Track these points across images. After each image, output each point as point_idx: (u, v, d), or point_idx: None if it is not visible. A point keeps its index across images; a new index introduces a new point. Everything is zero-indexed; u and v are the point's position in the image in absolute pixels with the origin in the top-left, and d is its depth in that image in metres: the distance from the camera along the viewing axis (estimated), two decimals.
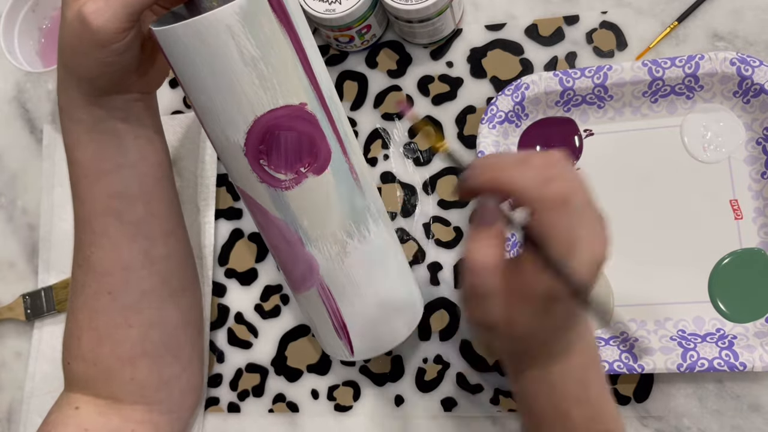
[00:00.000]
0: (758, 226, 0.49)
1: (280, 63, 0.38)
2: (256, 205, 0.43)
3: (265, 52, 0.37)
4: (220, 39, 0.36)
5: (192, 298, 0.52)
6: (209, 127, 0.41)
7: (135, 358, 0.47)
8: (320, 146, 0.40)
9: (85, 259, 0.46)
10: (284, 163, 0.40)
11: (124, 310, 0.46)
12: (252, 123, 0.39)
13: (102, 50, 0.38)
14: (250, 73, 0.37)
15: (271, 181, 0.40)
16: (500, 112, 0.52)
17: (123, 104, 0.43)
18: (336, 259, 0.43)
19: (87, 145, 0.43)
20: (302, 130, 0.39)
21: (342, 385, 0.54)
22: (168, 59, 0.39)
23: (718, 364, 0.45)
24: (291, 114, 0.39)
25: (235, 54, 0.36)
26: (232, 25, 0.36)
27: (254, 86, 0.37)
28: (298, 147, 0.40)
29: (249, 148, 0.39)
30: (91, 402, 0.47)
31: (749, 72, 0.48)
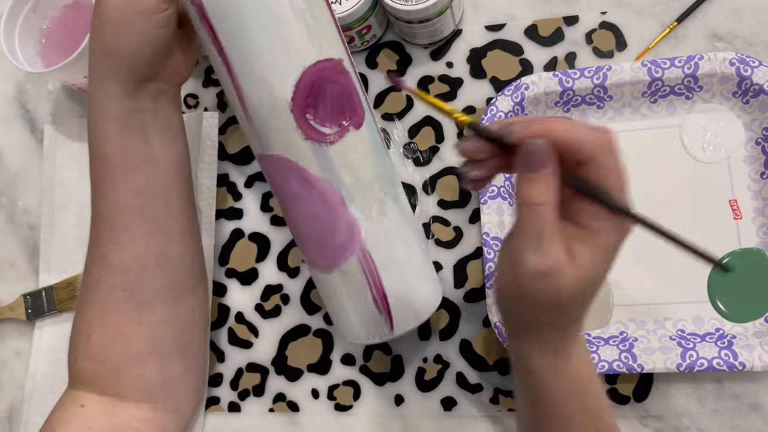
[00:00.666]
0: (757, 226, 0.49)
1: (323, 18, 0.40)
2: (296, 170, 0.42)
3: (311, 6, 0.39)
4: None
5: (202, 296, 0.52)
6: (250, 88, 0.41)
7: (144, 356, 0.47)
8: (356, 102, 0.42)
9: (102, 256, 0.46)
10: (330, 116, 0.41)
11: (138, 307, 0.46)
12: (300, 75, 0.40)
13: (145, 20, 0.40)
14: (299, 25, 0.39)
15: (316, 136, 0.41)
16: (500, 112, 0.52)
17: (153, 95, 0.44)
18: (376, 218, 0.43)
19: (115, 138, 0.44)
20: (344, 84, 0.42)
21: (342, 384, 0.54)
22: (210, 21, 0.40)
23: (718, 364, 0.45)
24: (334, 67, 0.41)
25: (286, 5, 0.38)
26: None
27: (303, 38, 0.39)
28: (341, 100, 0.41)
29: (296, 101, 0.40)
30: (96, 399, 0.47)
31: (748, 72, 0.48)
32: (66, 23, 0.61)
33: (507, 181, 0.53)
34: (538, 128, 0.32)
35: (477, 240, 0.54)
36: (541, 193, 0.32)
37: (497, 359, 0.52)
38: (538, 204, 0.32)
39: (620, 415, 0.49)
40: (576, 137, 0.32)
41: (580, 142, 0.32)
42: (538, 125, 0.32)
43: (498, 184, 0.52)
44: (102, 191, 0.45)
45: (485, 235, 0.51)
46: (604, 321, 0.50)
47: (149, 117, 0.44)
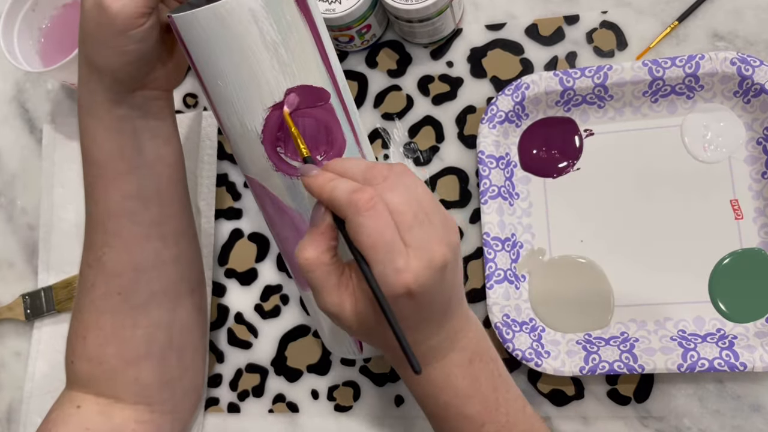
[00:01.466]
0: (759, 226, 0.49)
1: (300, 49, 0.38)
2: (269, 195, 0.43)
3: (286, 38, 0.37)
4: (242, 23, 0.36)
5: (199, 299, 0.52)
6: (225, 115, 0.41)
7: (140, 358, 0.47)
8: (336, 135, 0.40)
9: (96, 259, 0.45)
10: None
11: (133, 311, 0.46)
12: (271, 108, 0.39)
13: (121, 37, 0.38)
14: (271, 57, 0.37)
15: (287, 169, 0.40)
16: (500, 111, 0.52)
17: (142, 102, 0.43)
18: None
19: (105, 144, 0.43)
20: (320, 118, 0.40)
21: (342, 385, 0.54)
22: (186, 46, 0.39)
23: (719, 365, 0.45)
24: None
25: (257, 38, 0.37)
26: (256, 9, 0.36)
27: (274, 71, 0.38)
28: (315, 134, 0.40)
29: (266, 134, 0.40)
30: (93, 401, 0.46)
31: (749, 72, 0.48)
32: (65, 23, 0.61)
33: (507, 181, 0.53)
34: (308, 182, 0.35)
35: (477, 240, 0.54)
36: (306, 249, 0.35)
37: None
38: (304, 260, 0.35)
39: (621, 415, 0.49)
40: (333, 197, 0.34)
41: (336, 203, 0.34)
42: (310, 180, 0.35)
43: (498, 184, 0.52)
44: (94, 195, 0.45)
45: (485, 235, 0.50)
46: (604, 321, 0.50)
47: (139, 122, 0.43)
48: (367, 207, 0.33)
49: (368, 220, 0.33)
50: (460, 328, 0.39)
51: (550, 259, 0.51)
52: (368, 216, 0.33)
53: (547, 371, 0.48)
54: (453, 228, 0.36)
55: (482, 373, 0.39)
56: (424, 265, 0.33)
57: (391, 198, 0.34)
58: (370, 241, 0.33)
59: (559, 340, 0.49)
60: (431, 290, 0.34)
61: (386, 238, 0.33)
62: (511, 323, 0.49)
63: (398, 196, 0.34)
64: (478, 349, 0.40)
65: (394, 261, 0.33)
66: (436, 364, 0.38)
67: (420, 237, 0.34)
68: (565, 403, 0.50)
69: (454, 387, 0.38)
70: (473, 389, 0.39)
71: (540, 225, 0.52)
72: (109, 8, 0.37)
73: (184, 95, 0.62)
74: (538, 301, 0.51)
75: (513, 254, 0.51)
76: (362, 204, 0.33)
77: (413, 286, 0.33)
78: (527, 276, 0.51)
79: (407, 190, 0.34)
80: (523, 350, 0.48)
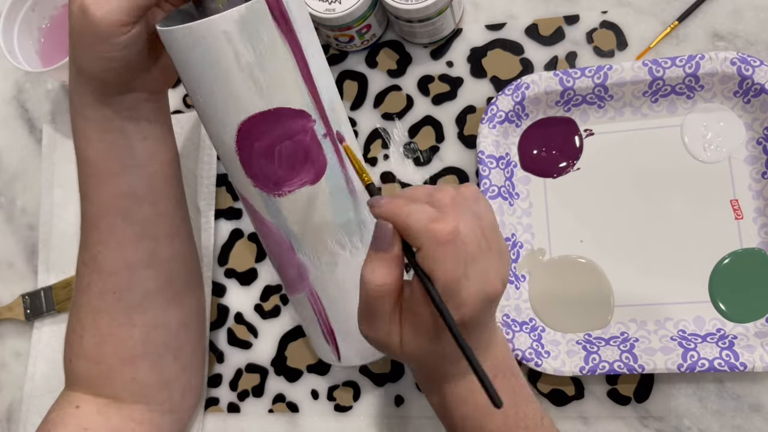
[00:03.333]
0: (759, 226, 0.49)
1: (278, 72, 0.38)
2: (251, 207, 0.43)
3: (262, 60, 0.37)
4: (217, 44, 0.36)
5: (195, 299, 0.52)
6: (207, 128, 0.41)
7: (137, 357, 0.47)
8: (315, 156, 0.40)
9: (91, 258, 0.46)
10: (277, 171, 0.40)
11: (128, 310, 0.46)
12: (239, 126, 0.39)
13: (103, 43, 0.38)
14: (245, 79, 0.37)
15: (264, 188, 0.40)
16: (500, 111, 0.52)
17: (132, 104, 0.43)
18: (326, 268, 0.43)
19: (96, 144, 0.43)
20: (297, 139, 0.39)
21: (342, 385, 0.54)
22: (174, 61, 0.39)
23: (719, 365, 0.45)
24: None
25: (231, 59, 0.36)
26: (230, 31, 0.36)
27: (250, 92, 0.37)
28: (292, 155, 0.39)
29: (242, 152, 0.40)
30: (92, 401, 0.46)
31: (750, 72, 0.48)
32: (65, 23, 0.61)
33: (507, 181, 0.53)
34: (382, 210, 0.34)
35: None
36: (378, 274, 0.34)
37: None
38: (378, 286, 0.34)
39: (621, 415, 0.49)
40: (409, 224, 0.33)
41: (412, 231, 0.33)
42: (384, 207, 0.34)
43: (498, 184, 0.52)
44: (88, 194, 0.45)
45: None
46: (604, 321, 0.50)
47: (129, 123, 0.43)
48: (447, 239, 0.32)
49: (447, 254, 0.32)
50: (489, 343, 0.39)
51: (550, 259, 0.51)
52: (447, 250, 0.32)
53: (547, 371, 0.48)
54: (508, 259, 0.36)
55: (505, 389, 0.39)
56: (480, 299, 0.33)
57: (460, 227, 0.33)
58: (445, 277, 0.32)
59: (559, 340, 0.49)
60: (479, 320, 0.34)
61: (458, 274, 0.32)
62: (511, 323, 0.49)
63: (465, 225, 0.33)
64: (503, 365, 0.40)
65: (457, 296, 0.32)
66: (462, 379, 0.38)
67: (480, 269, 0.33)
68: (565, 403, 0.50)
69: (475, 403, 0.38)
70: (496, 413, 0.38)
71: (540, 225, 0.52)
72: (93, 15, 0.36)
73: (184, 95, 0.62)
74: (538, 301, 0.51)
75: (513, 254, 0.51)
76: (443, 236, 0.32)
77: (466, 318, 0.33)
78: (527, 276, 0.51)
79: (475, 218, 0.34)
80: (523, 350, 0.48)
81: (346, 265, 0.43)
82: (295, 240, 0.42)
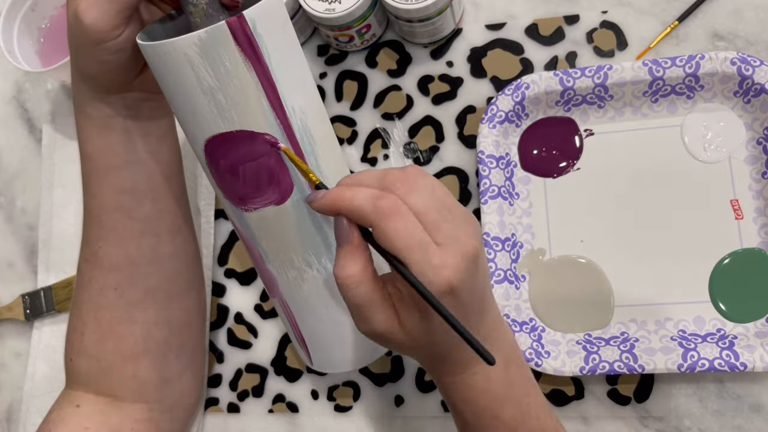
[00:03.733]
0: (759, 226, 0.49)
1: (241, 96, 0.37)
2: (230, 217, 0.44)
3: (224, 84, 0.37)
4: (178, 66, 0.36)
5: (197, 297, 0.52)
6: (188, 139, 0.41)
7: (137, 355, 0.47)
8: (281, 178, 0.39)
9: (92, 254, 0.46)
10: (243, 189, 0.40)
11: (129, 307, 0.46)
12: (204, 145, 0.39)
13: (96, 48, 0.38)
14: (208, 102, 0.37)
15: (233, 201, 0.41)
16: (500, 111, 0.52)
17: (131, 103, 0.43)
18: (293, 283, 0.43)
19: (96, 140, 0.43)
20: (261, 162, 0.39)
21: (342, 385, 0.54)
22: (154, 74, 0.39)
23: (719, 365, 0.45)
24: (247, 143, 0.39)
25: (194, 82, 0.36)
26: (191, 56, 0.36)
27: (212, 114, 0.37)
28: (257, 176, 0.39)
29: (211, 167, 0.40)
30: (92, 400, 0.47)
31: (750, 72, 0.48)
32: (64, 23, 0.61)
33: (507, 181, 0.53)
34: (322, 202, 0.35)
35: None
36: (344, 267, 0.34)
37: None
38: (346, 277, 0.34)
39: (621, 415, 0.49)
40: (353, 207, 0.34)
41: (359, 213, 0.33)
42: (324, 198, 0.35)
43: (498, 184, 0.52)
44: (90, 188, 0.45)
45: (486, 235, 0.50)
46: (605, 321, 0.50)
47: (130, 120, 0.43)
48: (393, 210, 0.33)
49: (397, 222, 0.32)
50: (495, 328, 0.38)
51: (550, 259, 0.51)
52: (396, 219, 0.33)
53: (547, 371, 0.48)
54: (474, 220, 0.36)
55: (517, 378, 0.39)
56: (459, 258, 0.33)
57: (412, 200, 0.33)
58: (404, 244, 0.32)
59: (559, 340, 0.49)
60: (469, 283, 0.34)
61: (418, 237, 0.33)
62: (511, 323, 0.49)
63: (418, 197, 0.34)
64: (512, 354, 0.40)
65: (430, 259, 0.32)
66: (477, 368, 0.38)
67: (448, 233, 0.33)
68: (566, 403, 0.50)
69: (493, 391, 0.38)
70: (510, 393, 0.39)
71: (540, 225, 0.52)
72: (83, 21, 0.37)
73: None
74: (538, 301, 0.51)
75: (513, 254, 0.51)
76: (387, 208, 0.33)
77: (454, 281, 0.33)
78: (527, 276, 0.51)
79: (426, 190, 0.34)
80: (523, 350, 0.48)
81: (314, 283, 0.43)
82: (263, 252, 0.43)
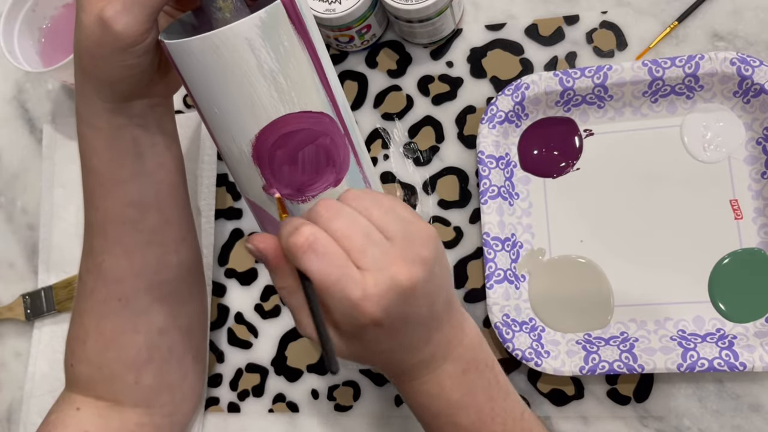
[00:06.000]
0: (758, 226, 0.49)
1: (299, 76, 0.37)
2: (269, 218, 0.42)
3: (284, 65, 0.36)
4: (238, 53, 0.35)
5: (199, 304, 0.52)
6: (221, 139, 0.40)
7: (140, 363, 0.47)
8: (336, 157, 0.39)
9: (96, 266, 0.45)
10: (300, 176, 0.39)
11: (133, 317, 0.46)
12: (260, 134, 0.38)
13: (124, 54, 0.37)
14: (269, 86, 0.36)
15: (285, 194, 0.40)
16: (500, 112, 0.52)
17: (142, 110, 0.42)
18: None
19: (104, 153, 0.42)
20: (320, 143, 0.39)
21: (342, 385, 0.54)
22: (180, 72, 0.38)
23: (718, 364, 0.45)
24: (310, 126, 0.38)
25: (254, 68, 0.36)
26: (252, 38, 0.35)
27: (273, 99, 0.37)
28: (315, 159, 0.39)
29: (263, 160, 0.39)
30: (92, 403, 0.46)
31: (749, 72, 0.48)
32: (65, 23, 0.61)
33: (507, 181, 0.53)
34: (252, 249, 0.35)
35: (477, 240, 0.54)
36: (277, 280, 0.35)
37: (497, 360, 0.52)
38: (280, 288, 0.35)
39: (621, 415, 0.49)
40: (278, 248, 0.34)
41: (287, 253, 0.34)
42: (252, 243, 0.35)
43: (498, 184, 0.52)
44: (94, 202, 0.44)
45: (485, 235, 0.50)
46: (604, 321, 0.50)
47: (139, 130, 0.42)
48: (305, 248, 0.32)
49: (309, 262, 0.32)
50: (453, 337, 0.38)
51: (550, 259, 0.52)
52: (307, 258, 0.32)
53: (547, 371, 0.48)
54: (423, 240, 0.34)
55: (478, 383, 0.39)
56: (385, 288, 0.32)
57: (335, 225, 0.33)
58: (319, 282, 0.32)
59: (559, 340, 0.49)
60: (401, 313, 0.33)
61: (333, 275, 0.32)
62: (511, 323, 0.49)
63: (341, 222, 0.33)
64: (474, 358, 0.39)
65: (349, 294, 0.31)
66: (429, 376, 0.38)
67: (376, 258, 0.32)
68: (565, 403, 0.50)
69: (447, 398, 0.38)
70: (468, 399, 0.38)
71: (540, 225, 0.52)
72: (113, 27, 0.36)
73: (185, 95, 0.62)
74: (538, 301, 0.51)
75: (513, 254, 0.51)
76: (299, 245, 0.32)
77: (378, 314, 0.32)
78: (527, 276, 0.52)
79: (352, 214, 0.33)
80: (522, 350, 0.48)
81: None
82: None
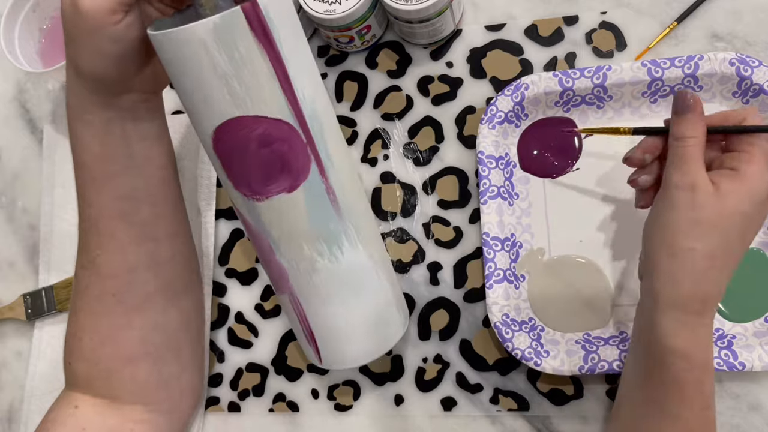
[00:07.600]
0: None
1: (255, 82, 0.38)
2: (235, 207, 0.44)
3: (238, 70, 0.37)
4: (194, 52, 0.37)
5: (194, 299, 0.52)
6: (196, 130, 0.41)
7: (136, 358, 0.47)
8: (292, 165, 0.40)
9: (90, 261, 0.46)
10: (254, 178, 0.40)
11: (128, 312, 0.46)
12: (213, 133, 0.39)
13: (95, 36, 0.37)
14: (221, 87, 0.37)
15: (243, 191, 0.41)
16: (500, 112, 0.52)
17: (131, 105, 0.43)
18: (304, 273, 0.43)
19: (95, 147, 0.43)
20: (275, 148, 0.39)
21: (342, 384, 0.54)
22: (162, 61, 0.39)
23: (718, 364, 0.45)
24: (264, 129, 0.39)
25: (208, 68, 0.37)
26: (207, 41, 0.36)
27: (225, 101, 0.38)
28: (269, 163, 0.40)
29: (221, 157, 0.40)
30: (90, 401, 0.47)
31: (748, 72, 0.48)
32: None
33: (507, 181, 0.53)
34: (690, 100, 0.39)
35: (477, 240, 0.54)
36: (689, 128, 0.39)
37: (497, 359, 0.52)
38: (686, 137, 0.38)
39: None
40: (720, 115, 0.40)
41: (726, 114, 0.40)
42: None
43: (498, 184, 0.52)
44: (86, 197, 0.45)
45: (485, 235, 0.51)
46: (604, 321, 0.50)
47: (128, 125, 0.43)
48: None
49: None
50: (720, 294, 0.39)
51: (550, 259, 0.52)
52: None
53: (547, 370, 0.48)
54: None
55: None
56: None
57: None
58: None
59: (559, 340, 0.49)
60: None
61: None
62: (511, 323, 0.49)
63: None
64: None
65: None
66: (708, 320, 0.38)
67: None
68: (565, 402, 0.50)
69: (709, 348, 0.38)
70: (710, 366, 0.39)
71: (539, 225, 0.52)
72: (81, 5, 0.36)
73: None
74: (538, 300, 0.51)
75: (512, 254, 0.52)
76: None
77: None
78: (527, 276, 0.52)
79: None
80: (522, 350, 0.48)
81: (326, 273, 0.43)
82: (274, 243, 0.43)
